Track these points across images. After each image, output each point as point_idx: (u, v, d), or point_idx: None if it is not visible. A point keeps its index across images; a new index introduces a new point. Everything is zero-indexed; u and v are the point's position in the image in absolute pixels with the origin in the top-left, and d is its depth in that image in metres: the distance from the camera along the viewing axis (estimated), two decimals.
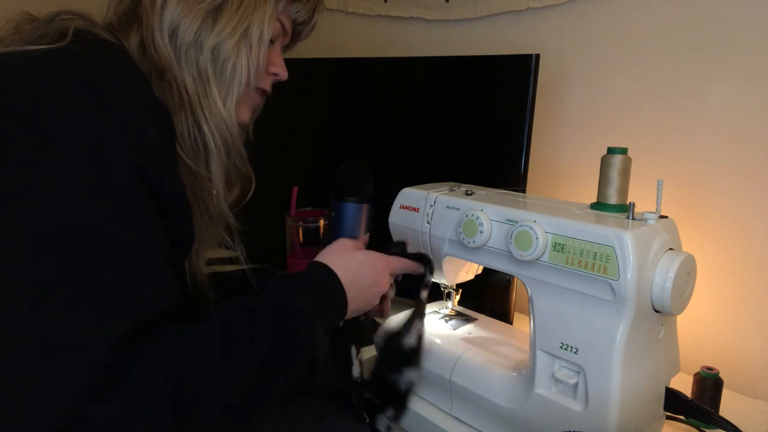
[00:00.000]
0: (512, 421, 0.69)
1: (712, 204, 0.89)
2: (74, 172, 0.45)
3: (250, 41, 0.62)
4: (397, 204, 0.83)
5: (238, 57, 0.61)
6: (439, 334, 0.82)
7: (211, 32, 0.60)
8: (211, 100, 0.60)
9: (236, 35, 0.61)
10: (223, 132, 0.62)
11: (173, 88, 0.59)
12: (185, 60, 0.60)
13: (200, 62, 0.60)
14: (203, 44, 0.60)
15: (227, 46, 0.60)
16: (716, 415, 0.67)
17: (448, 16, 1.21)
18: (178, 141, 0.59)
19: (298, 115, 1.32)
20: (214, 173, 0.63)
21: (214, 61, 0.60)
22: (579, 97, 1.04)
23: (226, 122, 0.62)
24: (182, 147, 0.59)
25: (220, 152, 0.62)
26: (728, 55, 0.86)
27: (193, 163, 0.61)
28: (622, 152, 0.67)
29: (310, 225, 1.10)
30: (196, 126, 0.60)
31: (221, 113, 0.61)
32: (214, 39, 0.60)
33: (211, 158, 0.62)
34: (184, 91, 0.59)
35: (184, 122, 0.60)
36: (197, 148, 0.61)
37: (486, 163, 1.01)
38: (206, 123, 0.61)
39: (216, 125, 0.61)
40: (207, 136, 0.61)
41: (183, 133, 0.60)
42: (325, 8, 0.76)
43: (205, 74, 0.60)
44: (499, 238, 0.69)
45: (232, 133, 0.63)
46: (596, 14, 1.00)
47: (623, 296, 0.59)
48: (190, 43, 0.59)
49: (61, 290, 0.43)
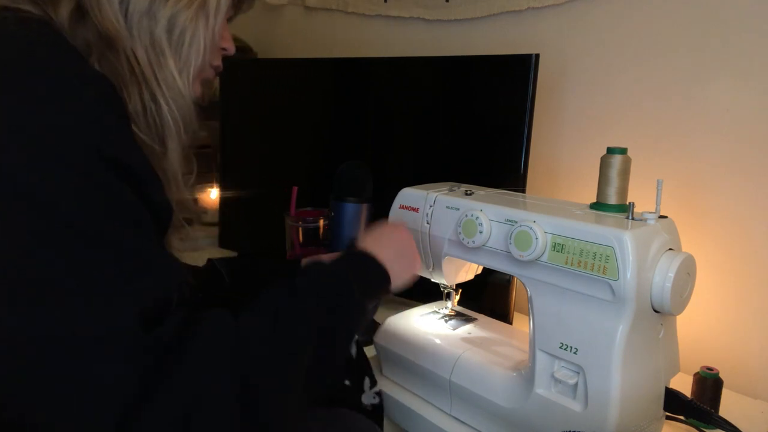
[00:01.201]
0: (512, 421, 0.69)
1: (712, 204, 0.89)
2: (42, 170, 0.44)
3: (207, 11, 0.59)
4: (396, 204, 0.83)
5: (196, 28, 0.58)
6: (439, 334, 0.82)
7: (166, 1, 0.56)
8: (167, 72, 0.57)
9: (194, 5, 0.58)
10: (181, 106, 0.59)
11: (122, 60, 0.55)
12: (137, 29, 0.56)
13: (155, 32, 0.56)
14: (158, 13, 0.56)
15: (185, 16, 0.57)
16: (716, 415, 0.67)
17: (448, 16, 1.21)
18: (131, 116, 0.55)
19: (297, 115, 1.32)
20: (170, 150, 0.59)
21: (170, 31, 0.57)
22: (579, 97, 1.04)
23: (184, 96, 0.59)
24: (136, 123, 0.56)
25: (179, 128, 0.59)
26: (728, 55, 0.86)
27: (149, 139, 0.57)
28: (621, 152, 0.67)
29: (310, 225, 1.10)
30: (152, 100, 0.57)
31: (178, 86, 0.58)
32: (171, 8, 0.56)
33: (167, 134, 0.58)
34: (135, 62, 0.56)
35: (136, 96, 0.56)
36: (153, 124, 0.57)
37: (486, 163, 1.01)
38: (162, 96, 0.57)
39: (173, 99, 0.58)
40: (164, 110, 0.57)
41: (137, 108, 0.56)
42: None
43: (160, 45, 0.57)
44: (498, 238, 0.69)
45: (189, 107, 0.60)
46: (596, 14, 1.00)
47: (623, 296, 0.59)
48: (143, 11, 0.55)
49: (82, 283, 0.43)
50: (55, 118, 0.45)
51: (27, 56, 0.48)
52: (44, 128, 0.45)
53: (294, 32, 1.61)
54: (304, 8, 1.55)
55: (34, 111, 0.45)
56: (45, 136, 0.45)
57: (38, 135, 0.44)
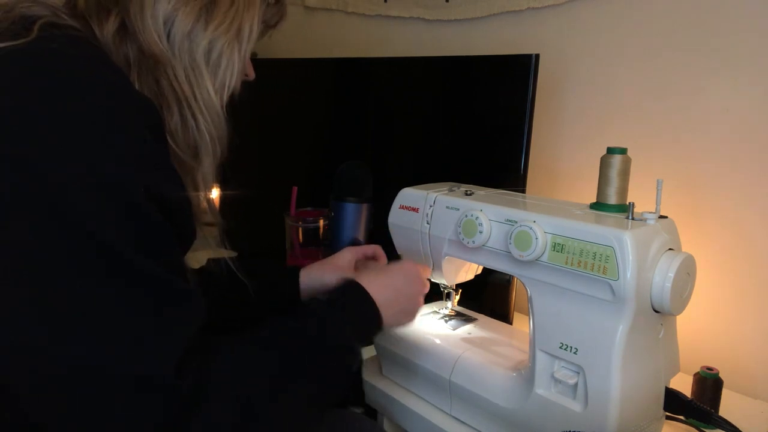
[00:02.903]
0: (512, 421, 0.69)
1: (712, 204, 0.89)
2: (87, 201, 0.45)
3: (242, 39, 0.62)
4: (396, 204, 0.83)
5: (231, 52, 0.61)
6: (439, 334, 0.82)
7: (206, 26, 0.59)
8: (204, 91, 0.60)
9: (231, 31, 0.60)
10: (216, 125, 0.61)
11: (162, 78, 0.58)
12: (179, 50, 0.58)
13: (195, 54, 0.59)
14: (198, 36, 0.59)
15: (222, 41, 0.60)
16: (716, 415, 0.67)
17: (448, 16, 1.21)
18: (170, 133, 0.58)
19: (298, 115, 1.32)
20: (205, 167, 0.62)
21: (209, 54, 0.59)
22: (579, 97, 1.04)
23: (219, 115, 0.61)
24: (174, 139, 0.59)
25: (215, 144, 0.62)
26: (728, 55, 0.86)
27: (186, 155, 0.60)
28: (621, 152, 0.67)
29: (310, 225, 1.10)
30: (192, 118, 0.59)
31: (215, 105, 0.61)
32: (211, 33, 0.59)
33: (203, 150, 0.61)
34: (175, 81, 0.58)
35: (176, 113, 0.59)
36: (191, 141, 0.60)
37: (486, 163, 1.01)
38: (201, 114, 0.60)
39: (211, 118, 0.61)
40: (202, 127, 0.60)
41: (176, 126, 0.59)
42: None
43: (198, 66, 0.59)
44: (498, 239, 0.69)
45: (223, 126, 0.63)
46: (596, 14, 1.00)
47: (623, 296, 0.59)
48: (185, 33, 0.58)
49: (111, 317, 0.44)
50: (101, 145, 0.46)
51: (78, 78, 0.49)
52: (91, 155, 0.46)
53: (294, 32, 1.61)
54: (304, 8, 1.56)
55: (81, 131, 0.46)
56: (92, 164, 0.46)
57: (84, 161, 0.46)
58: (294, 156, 1.33)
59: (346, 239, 1.03)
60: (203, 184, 0.63)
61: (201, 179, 0.62)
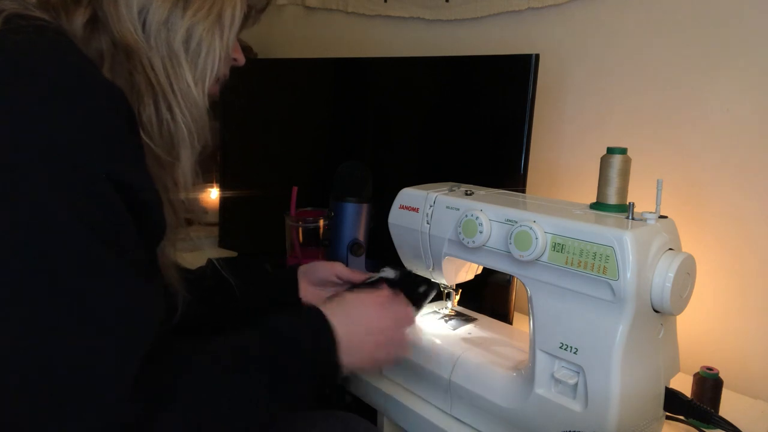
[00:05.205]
0: (512, 421, 0.69)
1: (712, 204, 0.89)
2: (44, 189, 0.44)
3: (223, 24, 0.59)
4: (396, 204, 0.83)
5: (212, 39, 0.58)
6: (439, 334, 0.82)
7: (184, 12, 0.56)
8: (183, 82, 0.57)
9: (210, 17, 0.58)
10: (195, 116, 0.59)
11: (138, 70, 0.55)
12: (155, 39, 0.56)
13: (172, 43, 0.56)
14: (175, 24, 0.56)
15: (201, 28, 0.57)
16: (716, 415, 0.66)
17: (448, 16, 1.21)
18: (144, 127, 0.55)
19: (297, 115, 1.32)
20: (183, 160, 0.59)
21: (187, 42, 0.57)
22: (579, 97, 1.04)
23: (199, 106, 0.59)
24: (149, 133, 0.56)
25: (192, 137, 0.59)
26: (728, 55, 0.86)
27: (161, 150, 0.58)
28: (621, 152, 0.67)
29: (310, 225, 1.10)
30: (167, 110, 0.57)
31: (194, 96, 0.58)
32: (188, 20, 0.56)
33: (181, 143, 0.59)
34: (151, 72, 0.56)
35: (151, 106, 0.56)
36: (167, 134, 0.58)
37: (486, 163, 1.01)
38: (178, 106, 0.57)
39: (189, 109, 0.58)
40: (179, 120, 0.57)
41: (151, 118, 0.56)
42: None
43: (176, 55, 0.57)
44: (498, 239, 0.69)
45: (203, 117, 0.60)
46: (596, 14, 1.00)
47: (623, 296, 0.59)
48: (161, 22, 0.55)
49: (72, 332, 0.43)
50: (64, 131, 0.45)
51: (43, 65, 0.47)
52: (54, 140, 0.45)
53: (294, 32, 1.61)
54: (304, 8, 1.56)
55: (45, 121, 0.45)
56: (54, 148, 0.45)
57: (48, 146, 0.45)
58: (294, 156, 1.33)
59: (346, 239, 1.03)
60: (183, 179, 0.60)
61: (180, 174, 0.59)
